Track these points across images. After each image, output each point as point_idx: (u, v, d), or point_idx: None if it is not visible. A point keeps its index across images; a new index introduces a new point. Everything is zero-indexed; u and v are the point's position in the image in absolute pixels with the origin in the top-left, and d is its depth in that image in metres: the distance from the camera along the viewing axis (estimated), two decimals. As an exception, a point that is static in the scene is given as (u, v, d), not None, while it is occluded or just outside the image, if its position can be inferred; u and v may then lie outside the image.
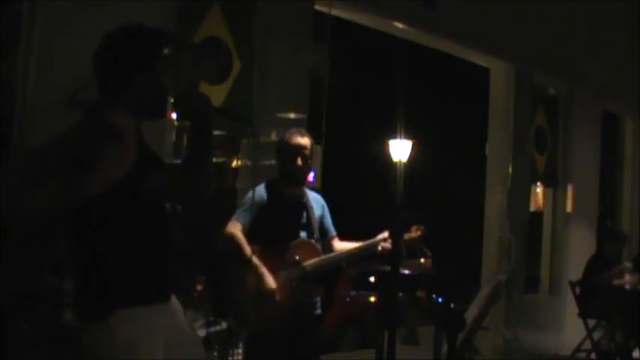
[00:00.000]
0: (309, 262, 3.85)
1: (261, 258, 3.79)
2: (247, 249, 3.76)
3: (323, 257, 3.91)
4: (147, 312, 2.34)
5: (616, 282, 7.18)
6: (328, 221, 4.08)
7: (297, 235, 3.90)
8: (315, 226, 3.96)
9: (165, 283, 2.47)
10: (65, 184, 2.17)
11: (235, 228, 3.81)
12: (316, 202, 4.04)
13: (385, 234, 3.96)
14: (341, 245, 4.08)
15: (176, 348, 2.44)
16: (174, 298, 2.52)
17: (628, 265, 7.36)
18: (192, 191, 2.49)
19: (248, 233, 3.82)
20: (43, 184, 2.16)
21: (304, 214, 3.95)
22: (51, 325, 3.26)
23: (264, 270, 3.77)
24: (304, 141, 3.92)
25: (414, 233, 4.03)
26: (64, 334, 3.12)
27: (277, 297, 3.76)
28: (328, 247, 4.03)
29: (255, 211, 3.84)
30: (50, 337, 3.25)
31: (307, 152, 3.91)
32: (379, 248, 3.97)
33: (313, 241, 3.93)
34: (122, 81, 2.36)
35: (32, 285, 3.33)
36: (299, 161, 3.88)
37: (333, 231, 4.09)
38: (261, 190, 3.92)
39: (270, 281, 3.76)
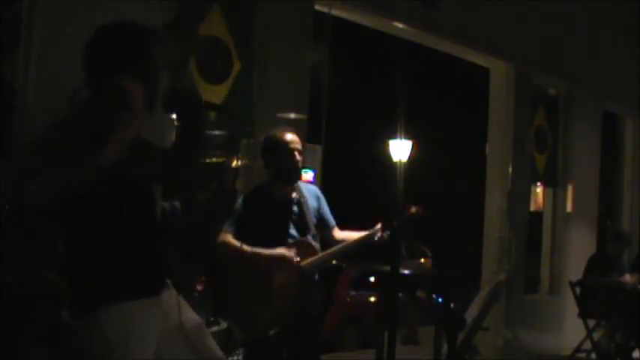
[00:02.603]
0: (307, 261, 3.84)
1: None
2: (242, 246, 3.75)
3: (320, 255, 3.90)
4: (137, 306, 2.34)
5: (616, 282, 7.19)
6: (325, 211, 4.04)
7: (288, 234, 3.87)
8: (311, 222, 3.93)
9: (156, 277, 2.47)
10: (80, 157, 2.19)
11: (226, 237, 3.83)
12: (310, 194, 4.01)
13: (379, 225, 3.93)
14: (342, 235, 4.05)
15: (167, 341, 2.44)
16: (171, 291, 2.51)
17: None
18: (182, 187, 2.50)
19: (243, 239, 3.81)
20: (56, 163, 2.20)
21: (296, 211, 3.92)
22: (50, 323, 3.26)
23: (267, 251, 3.76)
24: (294, 137, 3.92)
25: (415, 210, 3.98)
26: (64, 333, 3.12)
27: (295, 260, 3.76)
28: (329, 238, 4.01)
29: (243, 222, 3.83)
30: (49, 336, 3.25)
31: (300, 147, 3.91)
32: (375, 239, 3.94)
33: (310, 238, 3.91)
34: (109, 76, 2.39)
35: (31, 283, 3.33)
36: (297, 156, 3.87)
37: (332, 221, 4.06)
38: (244, 200, 3.91)
39: (282, 251, 3.77)
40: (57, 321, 3.21)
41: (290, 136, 3.90)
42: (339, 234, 4.06)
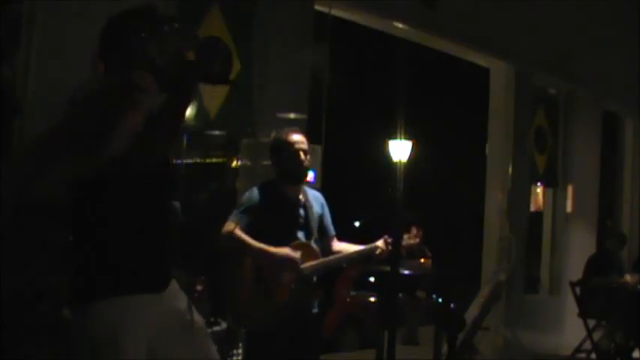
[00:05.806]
0: (307, 265, 3.84)
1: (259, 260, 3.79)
2: (248, 239, 3.75)
3: (321, 260, 3.89)
4: (134, 301, 2.34)
5: (616, 282, 7.20)
6: (328, 220, 4.05)
7: (295, 237, 3.88)
8: (314, 226, 3.93)
9: (158, 273, 2.46)
10: (87, 146, 2.19)
11: (233, 228, 3.81)
12: (316, 200, 4.02)
13: (382, 241, 3.94)
14: (339, 246, 4.06)
15: (170, 340, 2.43)
16: (174, 287, 2.50)
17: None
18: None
19: (248, 233, 3.80)
20: (64, 153, 2.21)
21: (303, 214, 3.93)
22: (50, 323, 3.26)
23: (273, 250, 3.76)
24: (301, 137, 3.93)
25: (413, 240, 4.01)
26: (63, 333, 3.12)
27: (298, 259, 3.76)
28: (326, 247, 4.00)
29: (252, 213, 3.83)
30: (49, 335, 3.25)
31: (306, 147, 3.92)
32: (377, 252, 3.95)
33: (312, 242, 3.91)
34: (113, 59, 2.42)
35: (32, 282, 3.33)
36: (301, 156, 3.88)
37: (332, 231, 4.06)
38: (256, 192, 3.91)
39: (287, 251, 3.76)
40: (57, 321, 3.21)
41: (296, 137, 3.91)
42: (337, 245, 4.06)
